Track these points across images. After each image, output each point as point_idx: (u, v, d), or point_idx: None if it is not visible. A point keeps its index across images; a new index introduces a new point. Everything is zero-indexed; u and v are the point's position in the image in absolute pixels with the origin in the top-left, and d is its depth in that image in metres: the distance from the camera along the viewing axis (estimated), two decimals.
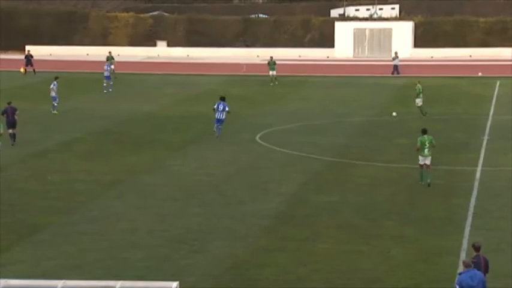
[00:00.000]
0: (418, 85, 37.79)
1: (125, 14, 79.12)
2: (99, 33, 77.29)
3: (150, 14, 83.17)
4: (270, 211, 21.65)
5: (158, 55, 72.37)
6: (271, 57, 53.57)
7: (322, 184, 24.81)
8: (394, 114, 37.66)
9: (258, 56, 68.67)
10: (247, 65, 62.67)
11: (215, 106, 32.32)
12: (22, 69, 51.92)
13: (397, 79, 54.40)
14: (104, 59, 53.12)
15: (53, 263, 17.35)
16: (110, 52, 55.08)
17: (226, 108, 32.10)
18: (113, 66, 51.55)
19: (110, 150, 29.73)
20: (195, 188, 24.14)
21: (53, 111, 38.59)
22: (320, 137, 32.98)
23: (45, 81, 42.76)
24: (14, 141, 30.17)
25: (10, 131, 30.08)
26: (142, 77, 55.39)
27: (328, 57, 70.64)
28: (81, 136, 32.64)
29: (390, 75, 56.64)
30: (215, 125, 32.21)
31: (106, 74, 48.09)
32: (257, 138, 32.50)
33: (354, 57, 71.00)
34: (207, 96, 46.71)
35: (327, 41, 73.18)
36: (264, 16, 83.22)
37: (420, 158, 24.28)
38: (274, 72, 52.47)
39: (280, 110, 40.77)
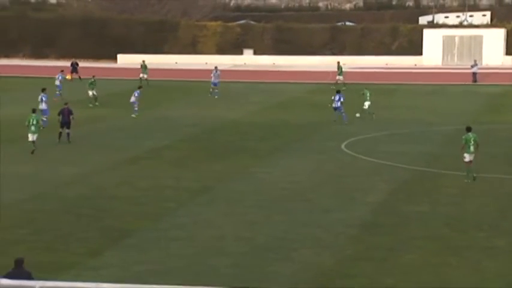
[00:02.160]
0: (366, 90, 40.61)
1: (213, 23, 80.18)
2: (188, 41, 78.57)
3: (238, 22, 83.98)
4: (356, 220, 21.39)
5: (245, 63, 72.92)
6: (338, 62, 54.16)
7: (410, 194, 24.36)
8: (357, 115, 39.63)
9: (344, 64, 68.22)
10: (334, 73, 62.33)
11: (332, 98, 38.59)
12: (68, 76, 53.68)
13: (487, 87, 52.99)
14: (197, 67, 54.24)
15: (142, 268, 17.63)
16: (143, 61, 56.24)
17: (342, 99, 38.02)
18: (145, 75, 52.79)
19: (198, 157, 30.07)
20: (281, 195, 24.12)
21: (132, 115, 40.28)
22: (407, 145, 32.44)
23: (134, 89, 43.77)
24: (69, 140, 32.29)
25: (65, 130, 32.30)
26: (229, 85, 55.92)
27: (415, 65, 69.58)
28: (170, 143, 33.17)
29: (474, 83, 55.30)
30: (335, 113, 38.11)
31: (214, 80, 49.08)
32: (343, 146, 32.25)
33: (442, 64, 69.67)
34: (293, 104, 46.73)
35: (415, 48, 72.10)
36: (351, 24, 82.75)
37: (466, 155, 24.80)
38: (341, 77, 52.69)
39: (366, 119, 40.32)
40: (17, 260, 13.80)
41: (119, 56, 75.23)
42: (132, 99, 40.99)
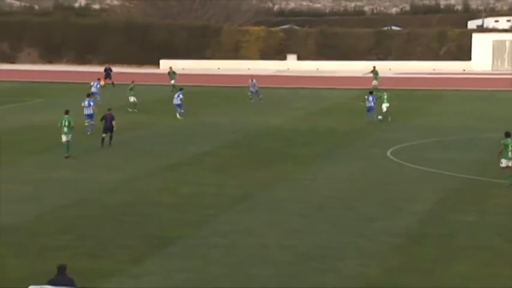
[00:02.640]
0: (383, 92, 42.40)
1: (256, 28, 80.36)
2: (231, 47, 78.86)
3: (281, 27, 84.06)
4: (402, 229, 21.15)
5: (288, 69, 72.92)
6: (374, 67, 54.06)
7: (459, 203, 24.01)
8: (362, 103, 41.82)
9: (390, 70, 67.81)
10: (379, 78, 61.82)
11: (366, 97, 40.30)
12: (102, 82, 54.35)
13: None
14: (240, 73, 54.46)
15: (184, 276, 17.67)
16: (170, 67, 56.70)
17: (375, 100, 40.27)
18: (173, 81, 53.52)
19: (240, 164, 30.11)
20: (324, 203, 23.99)
21: (178, 117, 41.45)
22: (455, 153, 32.03)
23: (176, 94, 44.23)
24: (110, 144, 33.19)
25: (108, 135, 33.19)
26: (272, 90, 55.93)
27: (464, 70, 68.76)
28: (212, 149, 33.28)
29: None
30: (368, 114, 39.99)
31: (252, 89, 48.96)
32: (388, 153, 31.97)
33: (492, 70, 68.73)
34: (337, 110, 46.54)
35: (464, 53, 71.27)
36: (397, 28, 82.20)
37: (503, 160, 24.65)
38: (376, 82, 52.51)
39: (413, 125, 39.96)
40: (60, 267, 13.95)
41: (161, 61, 75.86)
42: (176, 101, 41.94)
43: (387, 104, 40.90)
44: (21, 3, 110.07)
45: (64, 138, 31.14)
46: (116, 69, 65.73)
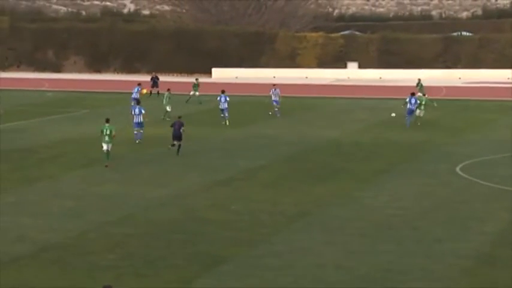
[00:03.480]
0: (423, 98, 44.32)
1: (314, 34, 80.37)
2: (287, 54, 79.03)
3: (341, 33, 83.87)
4: (471, 251, 20.92)
5: (348, 77, 72.74)
6: (419, 79, 54.06)
7: None
8: (393, 114, 45.06)
9: (459, 78, 67.09)
10: (447, 87, 61.32)
11: (407, 99, 42.40)
12: (145, 91, 55.29)
13: None
14: (297, 82, 54.53)
15: None
16: (196, 79, 57.08)
17: (418, 102, 42.41)
18: (197, 93, 54.06)
19: (295, 179, 30.15)
20: (387, 222, 23.86)
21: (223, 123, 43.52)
22: None
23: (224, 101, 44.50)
24: (178, 153, 34.25)
25: (175, 142, 34.42)
26: (330, 100, 55.86)
27: None
28: (265, 163, 33.41)
29: None
30: (407, 117, 42.01)
31: (274, 98, 49.23)
32: (457, 169, 31.65)
33: None
34: (401, 122, 46.22)
35: None
36: (467, 34, 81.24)
37: None
38: (422, 94, 52.36)
39: (485, 139, 39.46)
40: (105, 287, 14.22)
41: (213, 69, 76.47)
42: (223, 105, 43.94)
43: (423, 111, 43.45)
44: (68, 9, 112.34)
45: (105, 146, 32.39)
46: (165, 78, 66.52)
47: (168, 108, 46.06)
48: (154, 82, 60.38)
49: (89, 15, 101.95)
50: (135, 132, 37.89)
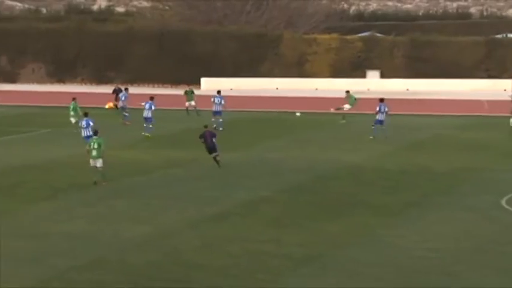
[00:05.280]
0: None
1: (326, 36, 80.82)
2: (294, 61, 79.41)
3: (360, 35, 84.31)
4: None
5: (368, 89, 73.05)
6: (348, 92, 56.19)
7: None
8: (297, 114, 48.21)
9: (505, 90, 67.32)
10: (490, 101, 61.48)
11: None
12: (107, 106, 56.33)
13: None
14: (306, 94, 54.87)
15: None
16: (189, 86, 61.12)
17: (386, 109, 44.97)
18: (193, 103, 57.35)
19: (305, 214, 30.20)
20: (417, 267, 23.90)
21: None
22: None
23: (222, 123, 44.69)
24: (219, 165, 37.70)
25: (212, 155, 37.60)
26: (347, 118, 56.00)
27: None
28: (268, 194, 33.46)
29: None
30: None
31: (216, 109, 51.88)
32: (503, 202, 31.75)
33: None
34: (434, 144, 46.31)
35: None
36: None
37: None
38: (349, 106, 52.98)
39: None
40: None
41: (203, 80, 76.73)
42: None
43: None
44: (24, 5, 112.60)
45: (92, 163, 33.38)
46: (144, 90, 66.67)
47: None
48: (117, 94, 60.85)
49: (50, 13, 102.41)
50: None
